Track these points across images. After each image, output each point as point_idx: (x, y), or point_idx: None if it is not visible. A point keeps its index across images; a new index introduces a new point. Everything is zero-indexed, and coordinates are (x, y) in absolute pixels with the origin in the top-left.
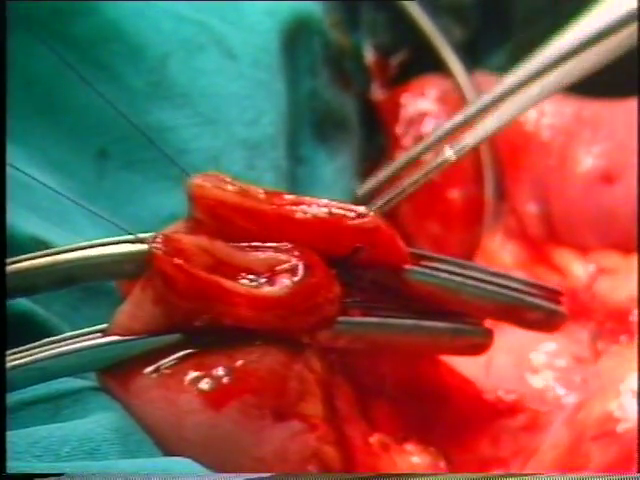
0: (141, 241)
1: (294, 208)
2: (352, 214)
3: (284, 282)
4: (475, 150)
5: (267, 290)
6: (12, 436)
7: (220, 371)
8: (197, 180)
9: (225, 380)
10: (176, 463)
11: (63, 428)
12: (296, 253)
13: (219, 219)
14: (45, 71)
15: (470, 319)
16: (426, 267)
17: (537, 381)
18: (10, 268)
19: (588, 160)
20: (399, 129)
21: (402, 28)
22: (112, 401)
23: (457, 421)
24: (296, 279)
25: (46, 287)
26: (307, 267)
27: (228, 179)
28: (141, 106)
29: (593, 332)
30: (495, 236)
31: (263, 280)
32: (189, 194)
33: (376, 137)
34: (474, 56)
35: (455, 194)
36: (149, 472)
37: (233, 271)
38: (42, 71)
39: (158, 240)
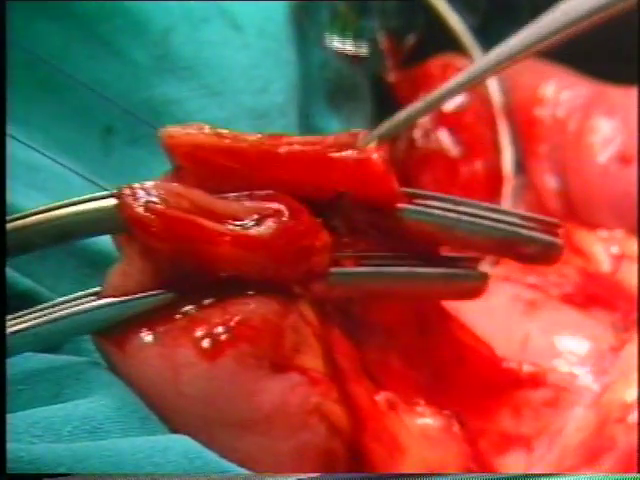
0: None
1: (275, 143)
2: (339, 146)
3: (269, 224)
4: (494, 124)
5: (251, 230)
6: (12, 418)
7: (214, 323)
8: (167, 131)
9: (219, 331)
10: (175, 441)
11: (65, 408)
12: (280, 200)
13: (199, 163)
14: (47, 49)
15: (464, 263)
16: (420, 205)
17: (565, 363)
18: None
19: (604, 140)
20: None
21: (413, 10)
22: (113, 378)
23: (474, 385)
24: (281, 221)
25: (42, 244)
26: (291, 211)
27: (201, 125)
28: (146, 80)
29: (618, 321)
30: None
31: (248, 224)
32: (163, 147)
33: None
34: (485, 42)
35: (478, 165)
36: (148, 453)
37: (215, 217)
38: (44, 49)
39: (125, 189)
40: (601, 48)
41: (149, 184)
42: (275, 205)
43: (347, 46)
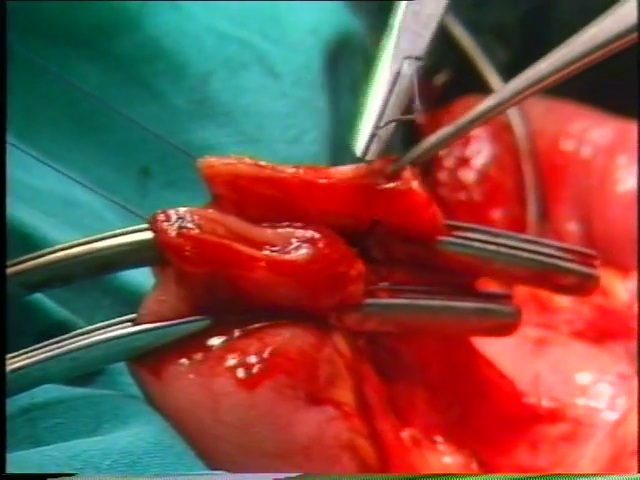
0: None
1: (314, 173)
2: (382, 177)
3: (304, 250)
4: (518, 171)
5: (286, 256)
6: (53, 450)
7: (251, 352)
8: (206, 160)
9: (256, 361)
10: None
11: (104, 441)
12: (315, 229)
13: (239, 192)
14: (87, 88)
15: (498, 299)
16: (459, 237)
17: (580, 398)
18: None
19: (628, 180)
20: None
21: (444, 49)
22: (151, 412)
23: (495, 419)
24: (316, 248)
25: (81, 276)
26: (327, 239)
27: (240, 156)
28: (183, 124)
29: (632, 350)
30: None
31: (282, 249)
32: (203, 177)
33: None
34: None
35: (497, 214)
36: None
37: (250, 244)
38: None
39: (159, 215)
40: (623, 84)
41: (183, 210)
42: (310, 233)
43: None
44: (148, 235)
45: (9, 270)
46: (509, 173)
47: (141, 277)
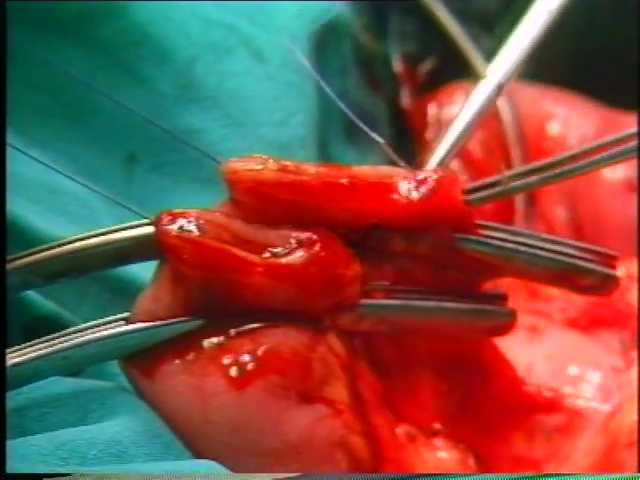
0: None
1: (337, 174)
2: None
3: (301, 253)
4: (505, 155)
5: (282, 259)
6: (39, 439)
7: (243, 352)
8: (230, 165)
9: (248, 360)
10: (201, 466)
11: (91, 431)
12: (314, 230)
13: (261, 198)
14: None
15: (494, 300)
16: (479, 235)
17: (573, 388)
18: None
19: (615, 168)
20: (429, 134)
21: (430, 36)
22: (139, 402)
23: (495, 405)
24: (313, 250)
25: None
26: (325, 241)
27: (264, 158)
28: (169, 109)
29: (626, 341)
30: None
31: (280, 252)
32: (225, 181)
33: (405, 144)
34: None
35: None
36: (174, 475)
37: (253, 248)
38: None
39: (164, 215)
40: (614, 78)
41: (190, 211)
42: (307, 235)
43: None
44: (151, 230)
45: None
46: (496, 158)
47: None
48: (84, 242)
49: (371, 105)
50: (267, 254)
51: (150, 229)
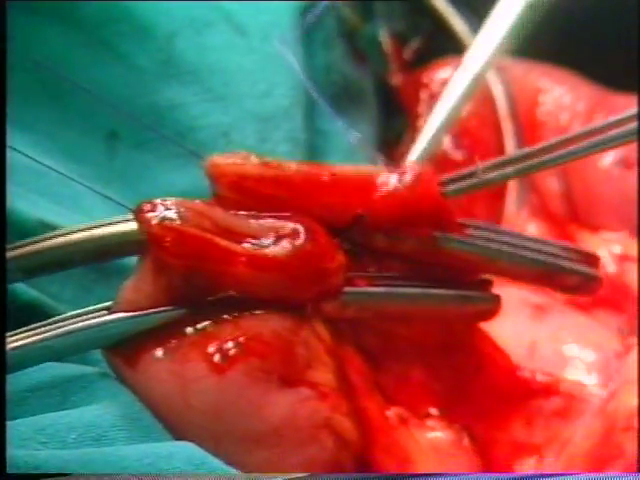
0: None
1: (318, 171)
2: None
3: (285, 245)
4: (497, 126)
5: (267, 250)
6: (19, 424)
7: (225, 338)
8: (213, 160)
9: (230, 345)
10: (180, 448)
11: (70, 415)
12: (297, 220)
13: (244, 192)
14: (50, 53)
15: (477, 286)
16: (462, 234)
17: (572, 371)
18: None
19: None
20: (421, 108)
21: (418, 14)
22: (120, 387)
23: (490, 393)
24: (297, 242)
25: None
26: (309, 232)
27: (247, 154)
28: (150, 85)
29: (623, 326)
30: (520, 213)
31: (264, 243)
32: (208, 176)
33: (394, 121)
34: None
35: None
36: (153, 458)
37: (234, 237)
38: (47, 53)
39: (145, 205)
40: (605, 55)
41: (171, 200)
42: (292, 226)
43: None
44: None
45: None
46: (489, 129)
47: None
48: (66, 238)
49: (357, 78)
50: (249, 245)
51: (132, 225)
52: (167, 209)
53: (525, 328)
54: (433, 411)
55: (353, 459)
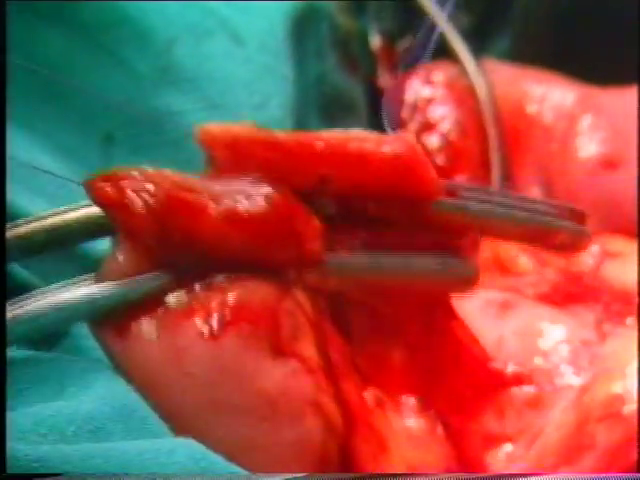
0: None
1: (311, 137)
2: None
3: (258, 202)
4: (481, 136)
5: (238, 204)
6: (18, 415)
7: (214, 304)
8: (204, 127)
9: (219, 312)
10: (181, 444)
11: (69, 406)
12: (269, 184)
13: (238, 154)
14: (49, 55)
15: (456, 253)
16: (455, 197)
17: (544, 362)
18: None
19: (590, 146)
20: (405, 114)
21: (408, 14)
22: (115, 376)
23: (465, 384)
24: (268, 201)
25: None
26: (280, 195)
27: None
28: (148, 91)
29: (599, 314)
30: None
31: (236, 199)
32: (201, 143)
33: (382, 122)
34: (480, 43)
35: (461, 179)
36: (154, 454)
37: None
38: (48, 56)
39: (96, 179)
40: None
41: (124, 170)
42: (265, 189)
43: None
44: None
45: None
46: (472, 138)
47: None
48: (62, 216)
49: (348, 87)
50: (213, 203)
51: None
52: (119, 177)
53: (490, 326)
54: (409, 397)
55: (337, 447)
